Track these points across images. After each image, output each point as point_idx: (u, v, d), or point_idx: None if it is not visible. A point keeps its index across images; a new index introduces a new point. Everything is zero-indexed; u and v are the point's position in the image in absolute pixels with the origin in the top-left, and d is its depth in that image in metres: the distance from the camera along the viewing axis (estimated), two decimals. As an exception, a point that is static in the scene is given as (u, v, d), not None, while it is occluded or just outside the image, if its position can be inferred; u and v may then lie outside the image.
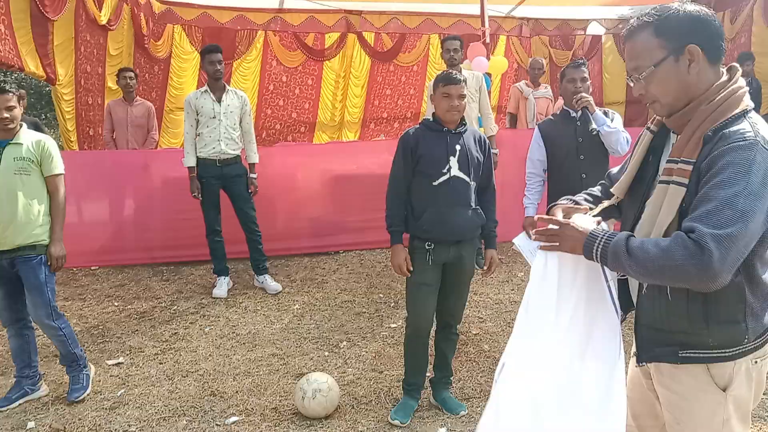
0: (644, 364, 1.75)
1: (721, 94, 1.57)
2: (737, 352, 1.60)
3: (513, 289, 5.07)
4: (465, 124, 3.25)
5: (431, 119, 3.24)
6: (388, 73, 10.86)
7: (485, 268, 3.28)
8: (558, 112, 4.01)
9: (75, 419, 3.31)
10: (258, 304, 4.87)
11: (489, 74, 6.92)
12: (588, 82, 3.87)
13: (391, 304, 4.80)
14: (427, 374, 3.46)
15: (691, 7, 1.60)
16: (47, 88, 10.02)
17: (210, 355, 4.05)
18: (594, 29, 11.26)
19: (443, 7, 10.36)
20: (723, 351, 1.60)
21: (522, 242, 2.49)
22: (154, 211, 5.87)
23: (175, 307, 4.85)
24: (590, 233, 1.67)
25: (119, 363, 3.97)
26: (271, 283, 5.10)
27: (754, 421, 3.15)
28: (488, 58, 6.97)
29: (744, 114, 1.55)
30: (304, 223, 6.16)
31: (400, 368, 3.75)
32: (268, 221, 5.89)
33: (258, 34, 10.17)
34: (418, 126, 3.28)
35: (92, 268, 5.67)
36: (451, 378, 3.46)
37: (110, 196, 5.99)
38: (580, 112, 3.82)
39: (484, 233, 3.31)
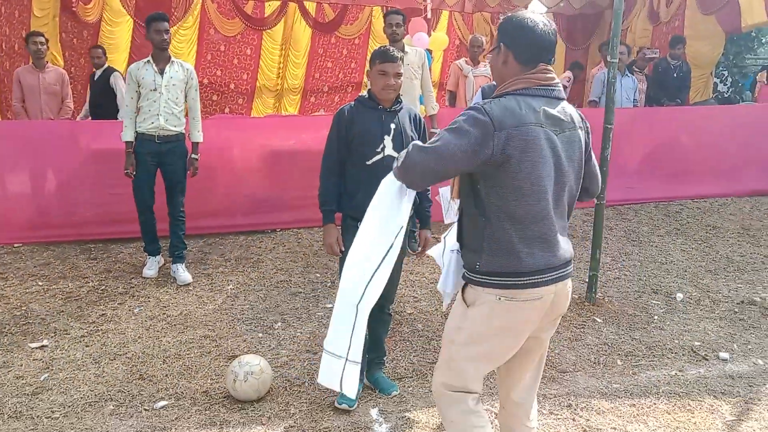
0: None
1: (505, 82, 2.07)
2: (475, 279, 2.07)
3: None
4: (400, 102, 3.22)
5: (366, 96, 3.20)
6: (329, 45, 10.70)
7: (420, 248, 3.28)
8: None
9: (-7, 406, 3.19)
10: (191, 285, 4.76)
11: (430, 50, 6.90)
12: None
13: (328, 284, 4.78)
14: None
15: (524, 16, 2.06)
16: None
17: (139, 337, 3.95)
18: (535, 7, 11.36)
19: (386, -21, 10.23)
20: (471, 274, 2.09)
21: (447, 194, 2.91)
22: (83, 185, 5.59)
23: (104, 286, 4.69)
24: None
25: (43, 346, 3.82)
26: (182, 274, 4.81)
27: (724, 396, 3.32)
28: (429, 34, 6.94)
29: (500, 95, 2.05)
30: (240, 199, 6.02)
31: (334, 349, 3.75)
32: (203, 197, 5.74)
33: (195, 1, 9.81)
34: (353, 103, 3.24)
35: (15, 245, 5.41)
36: (385, 358, 3.48)
37: (35, 169, 5.67)
38: None
39: (419, 213, 3.32)
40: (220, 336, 3.97)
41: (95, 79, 7.02)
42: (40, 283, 4.74)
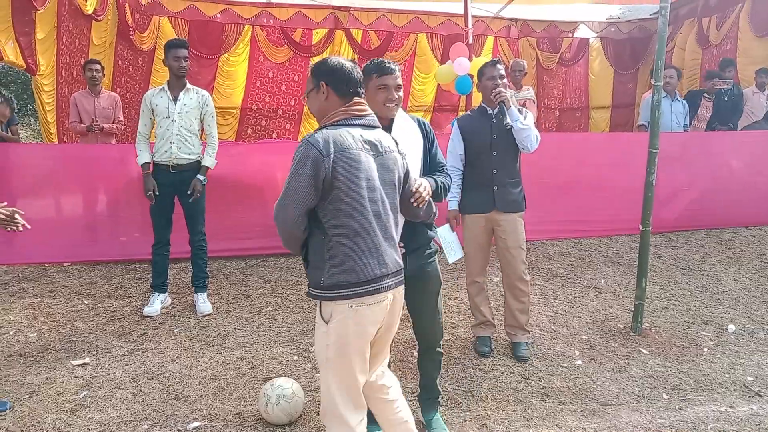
0: None
1: (330, 113, 2.39)
2: (326, 295, 2.31)
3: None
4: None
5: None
6: (375, 71, 10.80)
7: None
8: (476, 108, 4.07)
9: (34, 422, 3.25)
10: (230, 305, 4.81)
11: (471, 75, 6.88)
12: (505, 80, 3.92)
13: (365, 308, 4.76)
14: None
15: (335, 59, 2.44)
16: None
17: (177, 357, 3.99)
18: (582, 32, 11.24)
19: (431, 5, 10.31)
20: (317, 291, 2.34)
21: (445, 233, 3.66)
22: (130, 207, 5.75)
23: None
24: None
25: (84, 363, 3.90)
26: (202, 304, 4.72)
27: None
28: (471, 59, 6.92)
29: (325, 126, 2.36)
30: (282, 222, 6.06)
31: (368, 374, 3.71)
32: (246, 220, 5.83)
33: (245, 29, 10.08)
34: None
35: (64, 264, 5.59)
36: (440, 397, 3.30)
37: (86, 190, 5.89)
38: (496, 110, 3.89)
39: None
40: (256, 358, 3.98)
41: None
42: (86, 302, 4.86)
